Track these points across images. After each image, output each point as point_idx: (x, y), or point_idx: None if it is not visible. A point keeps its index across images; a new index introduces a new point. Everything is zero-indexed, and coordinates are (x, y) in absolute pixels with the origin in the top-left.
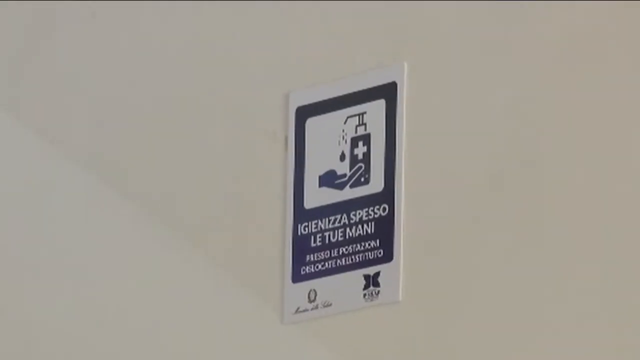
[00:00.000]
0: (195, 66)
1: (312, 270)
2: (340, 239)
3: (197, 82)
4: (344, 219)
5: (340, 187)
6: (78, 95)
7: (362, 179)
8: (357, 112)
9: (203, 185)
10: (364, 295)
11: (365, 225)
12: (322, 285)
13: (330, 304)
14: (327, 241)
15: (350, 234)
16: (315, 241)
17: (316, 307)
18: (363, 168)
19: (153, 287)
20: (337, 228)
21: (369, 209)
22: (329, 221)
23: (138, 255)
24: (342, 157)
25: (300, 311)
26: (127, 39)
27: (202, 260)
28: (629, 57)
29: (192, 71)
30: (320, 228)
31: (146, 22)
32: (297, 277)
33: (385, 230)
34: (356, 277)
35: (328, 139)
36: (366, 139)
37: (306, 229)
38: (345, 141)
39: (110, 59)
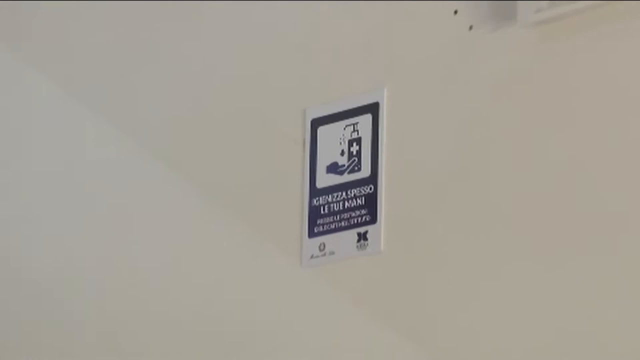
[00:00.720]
0: (242, 90)
1: (322, 229)
2: (341, 208)
3: (244, 101)
4: (343, 195)
5: (341, 173)
6: (146, 107)
7: (356, 168)
8: (352, 123)
9: (248, 175)
10: (357, 247)
11: (357, 199)
12: (329, 239)
13: (334, 253)
14: (332, 210)
15: (348, 205)
16: (324, 210)
17: (324, 255)
18: (356, 160)
19: (210, 241)
20: (339, 201)
21: (360, 188)
22: (333, 196)
23: (197, 220)
24: (342, 153)
25: (314, 257)
26: (185, 68)
27: (247, 225)
28: (551, 85)
29: (240, 94)
30: (327, 201)
31: (202, 55)
32: (311, 234)
33: (371, 202)
34: (351, 234)
35: (332, 141)
36: (358, 140)
37: (318, 201)
38: (345, 142)
39: (172, 83)
